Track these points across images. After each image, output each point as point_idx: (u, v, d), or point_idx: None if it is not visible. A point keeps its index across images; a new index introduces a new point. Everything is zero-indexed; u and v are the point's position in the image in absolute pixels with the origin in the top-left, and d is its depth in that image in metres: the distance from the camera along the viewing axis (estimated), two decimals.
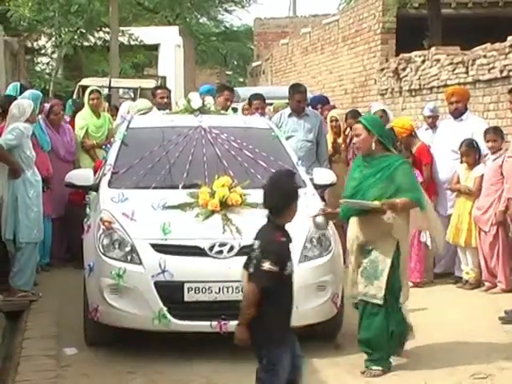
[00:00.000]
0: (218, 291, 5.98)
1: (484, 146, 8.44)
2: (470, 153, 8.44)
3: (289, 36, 24.17)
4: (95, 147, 9.98)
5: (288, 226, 6.35)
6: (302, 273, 6.08)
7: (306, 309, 6.12)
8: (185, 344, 6.24)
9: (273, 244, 4.34)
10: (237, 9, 37.88)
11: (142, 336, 6.24)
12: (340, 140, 9.98)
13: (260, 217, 6.23)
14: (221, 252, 6.05)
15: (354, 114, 9.76)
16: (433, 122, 9.45)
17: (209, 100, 8.10)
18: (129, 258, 6.10)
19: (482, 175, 8.31)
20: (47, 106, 9.47)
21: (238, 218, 6.26)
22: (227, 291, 5.98)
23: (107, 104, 12.04)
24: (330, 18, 19.56)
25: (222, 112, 8.44)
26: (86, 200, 7.60)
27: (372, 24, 16.22)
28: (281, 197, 4.41)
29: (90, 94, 10.25)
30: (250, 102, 10.20)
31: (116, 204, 6.50)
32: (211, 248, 6.05)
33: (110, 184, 6.88)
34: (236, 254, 6.04)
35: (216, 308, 6.00)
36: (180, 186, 6.71)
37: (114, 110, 11.59)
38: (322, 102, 11.37)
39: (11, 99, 8.31)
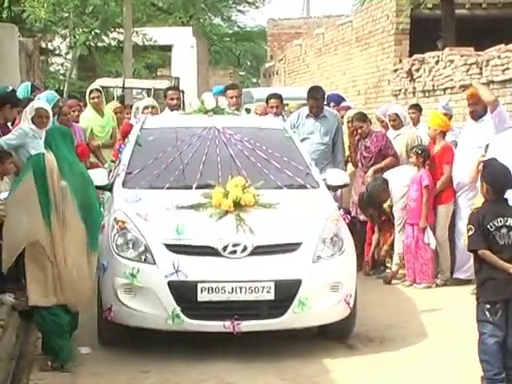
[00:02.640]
0: (231, 291, 5.99)
1: None
2: None
3: (302, 37, 24.16)
4: (101, 148, 9.77)
5: (301, 226, 6.38)
6: (314, 273, 6.14)
7: (319, 309, 6.15)
8: (198, 343, 6.26)
9: None
10: (250, 9, 38.00)
11: (156, 335, 6.27)
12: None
13: (272, 217, 6.31)
14: (234, 252, 6.07)
15: (360, 117, 9.75)
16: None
17: (222, 101, 8.12)
18: (143, 257, 6.14)
19: None
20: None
21: (251, 219, 6.28)
22: (240, 291, 6.00)
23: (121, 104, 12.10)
24: (343, 18, 19.57)
25: (236, 113, 8.46)
26: (100, 200, 7.62)
27: (385, 25, 16.21)
28: None
29: (90, 93, 10.20)
30: (267, 101, 10.19)
31: (130, 204, 6.52)
32: (225, 248, 6.07)
33: (124, 184, 6.91)
34: (249, 254, 6.08)
35: (229, 308, 6.02)
36: (194, 187, 6.73)
37: (129, 109, 11.67)
38: (335, 101, 11.34)
39: (24, 101, 8.36)
